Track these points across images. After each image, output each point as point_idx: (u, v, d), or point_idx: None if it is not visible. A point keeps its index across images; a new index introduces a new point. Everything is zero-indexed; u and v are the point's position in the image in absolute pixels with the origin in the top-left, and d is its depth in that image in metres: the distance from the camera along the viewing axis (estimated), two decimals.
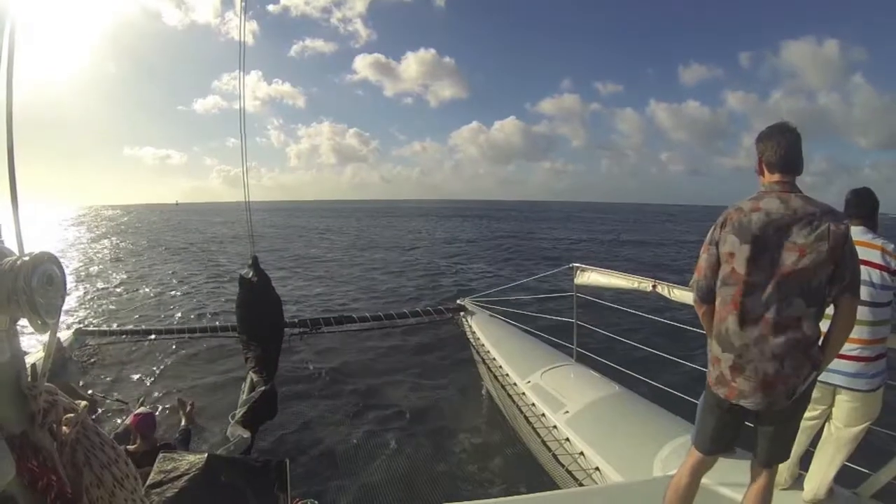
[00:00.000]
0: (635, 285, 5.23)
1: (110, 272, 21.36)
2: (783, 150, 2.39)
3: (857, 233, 3.07)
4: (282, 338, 5.81)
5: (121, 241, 39.23)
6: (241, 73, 5.01)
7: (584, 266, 5.94)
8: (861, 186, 3.39)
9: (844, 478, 3.55)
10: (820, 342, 2.37)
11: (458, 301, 8.86)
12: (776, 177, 2.41)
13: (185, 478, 3.37)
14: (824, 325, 2.42)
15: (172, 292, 16.54)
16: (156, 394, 7.46)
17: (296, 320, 8.27)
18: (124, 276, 19.92)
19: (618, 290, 5.60)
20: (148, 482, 3.22)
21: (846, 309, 2.35)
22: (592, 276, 5.80)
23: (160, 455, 3.59)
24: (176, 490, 3.28)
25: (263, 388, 4.95)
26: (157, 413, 5.37)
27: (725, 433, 2.60)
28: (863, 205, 3.30)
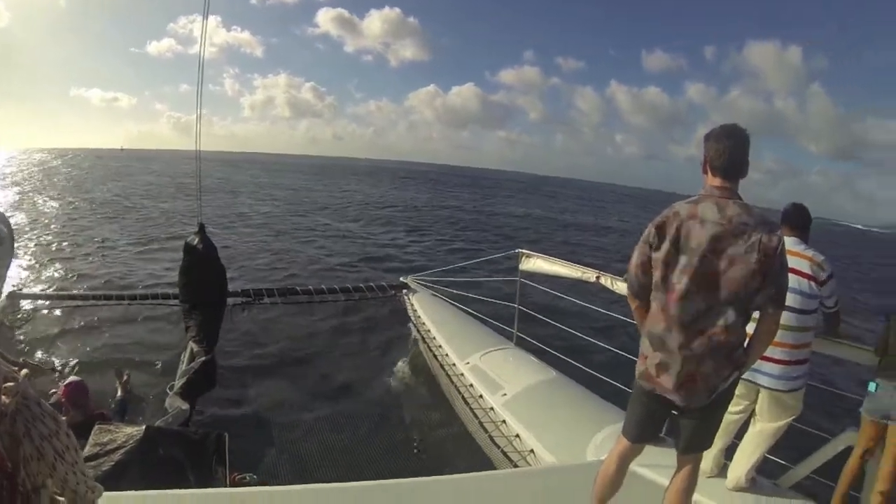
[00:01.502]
0: (579, 275, 5.28)
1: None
2: (727, 155, 2.41)
3: (791, 243, 3.26)
4: (224, 308, 5.76)
5: (36, 194, 31.85)
6: (205, 22, 4.95)
7: (529, 252, 5.97)
8: (798, 202, 3.57)
9: (767, 469, 3.80)
10: (745, 345, 2.46)
11: (402, 279, 8.84)
12: (717, 181, 2.44)
13: (122, 450, 3.35)
14: (751, 326, 2.50)
15: (94, 257, 14.39)
16: (91, 362, 7.20)
17: (239, 290, 8.19)
18: (50, 237, 16.75)
19: (561, 278, 5.63)
20: (83, 455, 3.21)
21: (770, 319, 2.41)
22: (537, 263, 5.83)
23: (96, 427, 3.55)
24: (112, 463, 3.26)
25: (203, 358, 4.92)
26: (90, 383, 5.18)
27: (651, 423, 2.70)
28: (799, 218, 3.49)
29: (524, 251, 6.01)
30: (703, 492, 3.42)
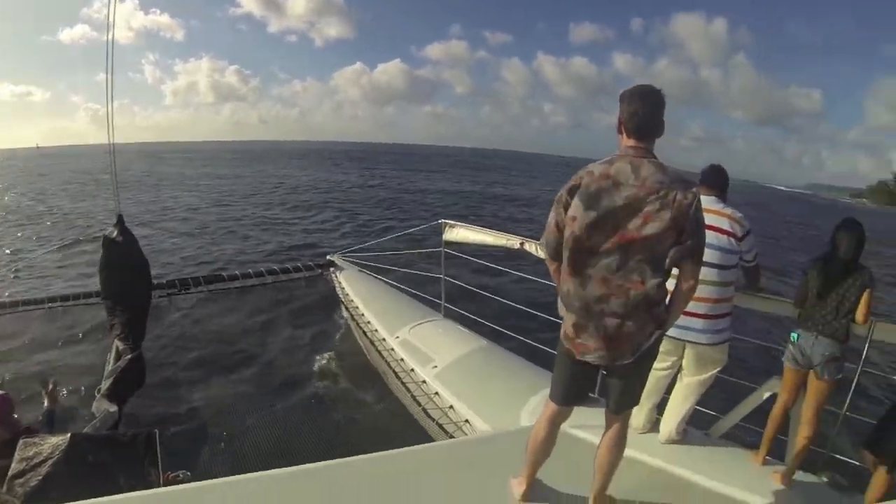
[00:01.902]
0: (503, 242, 5.24)
1: None
2: (640, 116, 2.39)
3: (710, 202, 3.42)
4: (149, 301, 5.60)
5: None
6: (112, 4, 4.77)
7: (452, 222, 5.90)
8: (717, 163, 3.68)
9: (698, 421, 3.96)
10: (667, 301, 2.47)
11: (328, 256, 8.73)
12: (631, 141, 2.41)
13: (49, 462, 3.24)
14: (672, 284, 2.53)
15: (4, 271, 13.19)
16: (13, 375, 6.85)
17: (163, 281, 7.95)
18: None
19: (486, 247, 5.60)
20: (10, 473, 3.07)
21: (688, 275, 2.42)
22: (461, 233, 5.78)
23: (21, 441, 3.42)
24: (40, 477, 3.14)
25: (130, 356, 4.79)
26: (15, 397, 4.99)
27: (577, 385, 2.70)
28: (717, 178, 3.60)
29: (447, 221, 5.94)
30: (637, 447, 3.54)
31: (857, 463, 3.51)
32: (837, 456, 3.72)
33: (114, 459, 3.45)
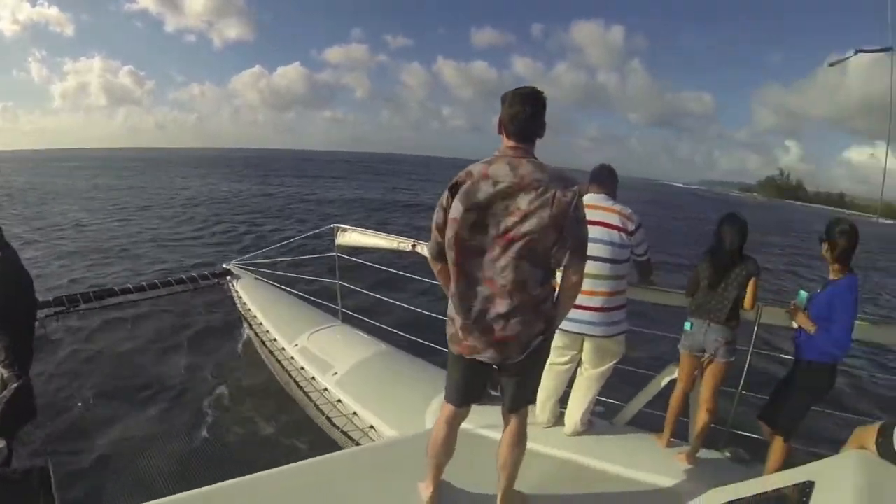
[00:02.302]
0: (395, 245, 5.27)
1: None
2: (520, 119, 2.39)
3: (600, 199, 3.56)
4: (35, 322, 5.26)
5: None
6: None
7: (344, 226, 5.88)
8: (606, 163, 3.81)
9: (601, 411, 4.11)
10: (554, 298, 2.48)
11: (224, 265, 8.42)
12: (511, 142, 2.42)
13: None
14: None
15: None
16: None
17: (50, 299, 7.32)
18: None
19: (380, 250, 5.62)
20: None
21: (573, 271, 2.44)
22: (353, 236, 5.77)
23: None
24: None
25: (16, 384, 4.48)
26: None
27: (471, 385, 2.68)
28: (606, 176, 3.72)
29: (339, 226, 5.90)
30: (543, 441, 3.64)
31: (757, 436, 3.71)
32: (738, 432, 3.92)
33: (6, 499, 3.26)
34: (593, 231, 3.31)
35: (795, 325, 3.44)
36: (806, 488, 2.13)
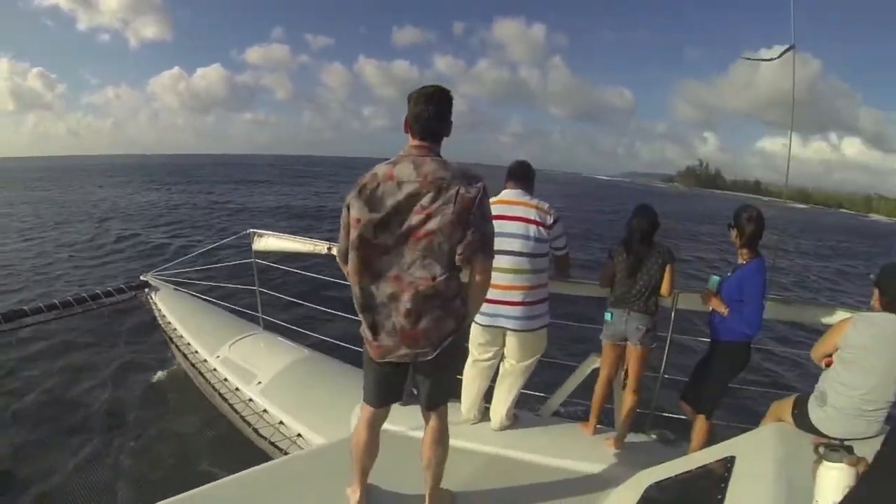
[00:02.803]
0: (312, 248, 5.20)
1: None
2: (423, 118, 2.40)
3: (517, 194, 3.58)
4: None
5: None
6: None
7: (260, 231, 5.74)
8: (523, 159, 3.81)
9: (528, 404, 4.17)
10: (465, 296, 2.47)
11: (141, 277, 7.97)
12: (416, 141, 2.43)
13: None
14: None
15: None
16: None
17: None
18: None
19: (298, 254, 5.50)
20: None
21: (479, 268, 2.43)
22: (270, 241, 5.65)
23: None
24: None
25: None
26: None
27: (387, 385, 2.66)
28: (523, 172, 3.71)
29: (256, 231, 5.75)
30: (470, 438, 3.64)
31: (681, 416, 3.84)
32: (662, 414, 4.06)
33: None
34: (511, 226, 3.38)
35: (710, 309, 3.56)
36: (728, 463, 2.26)
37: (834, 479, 1.54)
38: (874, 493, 1.15)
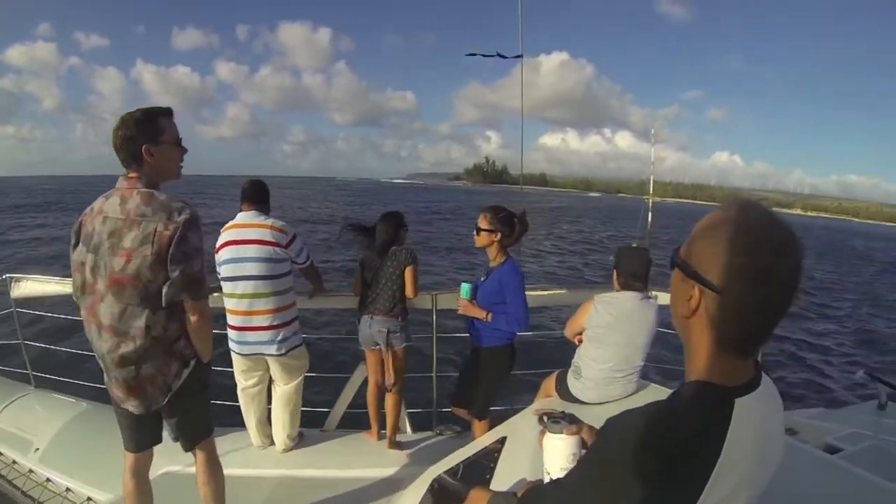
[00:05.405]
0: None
1: None
2: (116, 146, 2.24)
3: (250, 216, 3.52)
4: None
5: None
6: None
7: (19, 276, 5.02)
8: (256, 179, 3.71)
9: (312, 421, 4.15)
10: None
11: None
12: (129, 172, 2.25)
13: None
14: None
15: None
16: None
17: None
18: None
19: (63, 297, 4.81)
20: None
21: (192, 309, 2.29)
22: (31, 286, 4.98)
23: None
24: None
25: None
26: None
27: (140, 429, 2.52)
28: (256, 192, 3.63)
29: (12, 276, 5.01)
30: (258, 463, 3.65)
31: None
32: (444, 410, 4.15)
33: None
34: (247, 250, 3.36)
35: (469, 315, 3.61)
36: (500, 443, 2.46)
37: (558, 448, 1.58)
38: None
